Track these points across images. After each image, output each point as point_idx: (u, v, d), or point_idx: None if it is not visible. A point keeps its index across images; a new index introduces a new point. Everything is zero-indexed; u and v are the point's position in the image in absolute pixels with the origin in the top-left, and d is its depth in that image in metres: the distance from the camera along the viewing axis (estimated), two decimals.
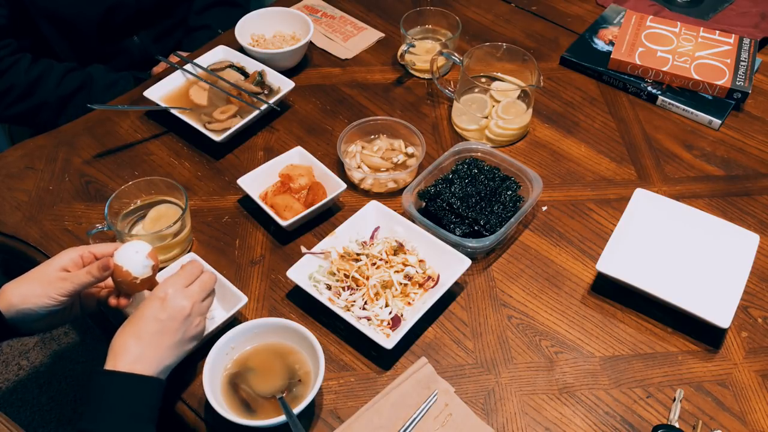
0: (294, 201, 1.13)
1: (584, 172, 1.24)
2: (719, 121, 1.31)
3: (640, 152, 1.28)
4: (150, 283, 0.93)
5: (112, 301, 0.93)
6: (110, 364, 0.83)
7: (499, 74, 1.37)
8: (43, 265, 0.91)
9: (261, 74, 1.34)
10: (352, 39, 1.50)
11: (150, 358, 0.84)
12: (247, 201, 1.17)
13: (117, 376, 0.82)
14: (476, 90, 1.32)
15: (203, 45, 1.47)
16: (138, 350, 0.84)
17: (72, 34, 1.51)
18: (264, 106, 1.28)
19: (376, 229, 1.11)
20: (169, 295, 0.87)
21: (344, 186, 1.14)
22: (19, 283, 0.90)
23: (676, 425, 0.91)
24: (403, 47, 1.37)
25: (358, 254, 1.06)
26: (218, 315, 1.00)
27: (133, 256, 0.91)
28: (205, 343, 0.95)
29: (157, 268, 0.94)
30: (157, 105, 1.28)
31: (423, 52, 1.41)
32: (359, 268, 1.04)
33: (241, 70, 1.36)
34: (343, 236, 1.09)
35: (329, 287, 1.03)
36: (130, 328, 0.86)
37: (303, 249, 1.06)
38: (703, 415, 0.93)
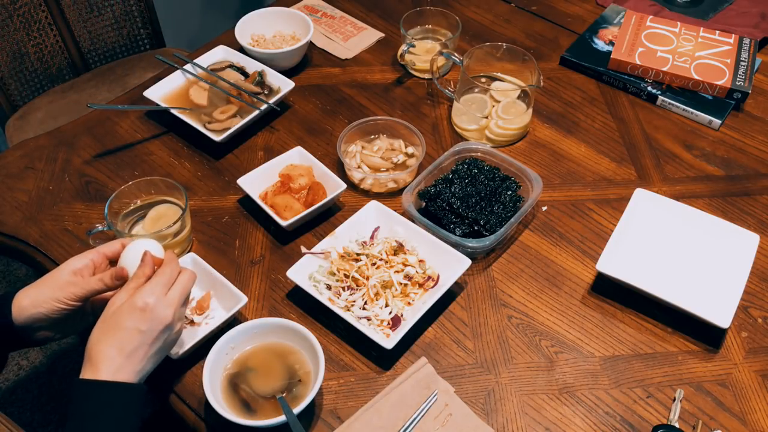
0: (294, 201, 1.13)
1: (584, 172, 1.24)
2: (719, 121, 1.31)
3: (640, 152, 1.28)
4: None
5: None
6: (89, 373, 0.81)
7: (499, 74, 1.37)
8: (55, 270, 0.90)
9: (261, 74, 1.34)
10: (352, 39, 1.50)
11: (132, 369, 0.82)
12: (247, 201, 1.17)
13: (100, 385, 0.80)
14: (476, 90, 1.32)
15: None
16: (120, 361, 0.81)
17: None
18: (264, 106, 1.28)
19: (376, 229, 1.11)
20: (149, 305, 0.84)
21: (344, 186, 1.13)
22: (30, 287, 0.89)
23: (676, 425, 0.91)
24: (403, 47, 1.37)
25: (358, 254, 1.06)
26: (218, 315, 1.00)
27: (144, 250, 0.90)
28: (205, 343, 0.95)
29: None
30: (157, 105, 1.28)
31: (423, 52, 1.41)
32: (359, 268, 1.04)
33: (241, 70, 1.36)
34: (343, 236, 1.09)
35: (329, 287, 1.03)
36: (110, 338, 0.83)
37: (303, 249, 1.06)
38: (703, 415, 0.93)
